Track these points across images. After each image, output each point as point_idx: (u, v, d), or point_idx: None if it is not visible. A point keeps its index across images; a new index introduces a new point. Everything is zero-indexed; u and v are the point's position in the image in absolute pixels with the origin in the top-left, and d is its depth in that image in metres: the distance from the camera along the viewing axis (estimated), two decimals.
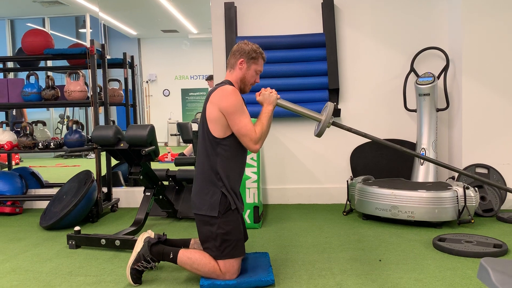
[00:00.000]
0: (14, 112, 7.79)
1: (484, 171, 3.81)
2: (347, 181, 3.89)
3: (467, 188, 3.31)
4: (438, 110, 3.99)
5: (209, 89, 8.94)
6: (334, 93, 4.24)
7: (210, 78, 8.71)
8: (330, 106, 2.39)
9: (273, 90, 2.39)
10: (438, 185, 3.51)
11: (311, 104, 4.18)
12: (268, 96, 2.36)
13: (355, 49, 4.29)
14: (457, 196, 3.28)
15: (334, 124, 2.43)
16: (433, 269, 2.49)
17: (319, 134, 2.40)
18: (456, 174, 3.92)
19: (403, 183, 3.66)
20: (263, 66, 2.43)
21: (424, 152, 3.90)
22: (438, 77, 4.04)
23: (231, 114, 2.22)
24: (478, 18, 3.86)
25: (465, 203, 3.28)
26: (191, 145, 7.56)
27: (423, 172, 3.88)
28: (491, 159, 3.86)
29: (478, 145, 3.91)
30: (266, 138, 2.31)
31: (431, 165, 3.88)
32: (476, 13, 3.86)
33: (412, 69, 4.15)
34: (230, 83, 2.37)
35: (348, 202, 3.88)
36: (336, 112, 4.20)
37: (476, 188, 3.42)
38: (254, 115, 2.39)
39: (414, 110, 4.11)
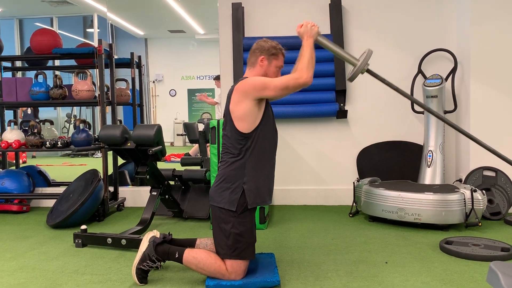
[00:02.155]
0: (29, 111, 7.84)
1: (492, 174, 3.78)
2: (354, 183, 3.88)
3: (475, 191, 3.29)
4: (445, 112, 3.97)
5: (216, 89, 8.84)
6: (341, 94, 4.23)
7: (217, 78, 8.71)
8: (368, 52, 2.33)
9: (315, 24, 2.36)
10: (445, 188, 3.49)
11: (318, 105, 4.17)
12: (310, 28, 2.34)
13: (363, 50, 4.20)
14: (464, 198, 3.25)
15: (369, 71, 2.35)
16: (440, 272, 2.48)
17: (351, 79, 2.34)
18: (463, 177, 3.89)
19: (410, 185, 3.64)
20: (283, 62, 2.43)
21: (431, 154, 3.88)
22: (446, 79, 4.02)
23: (261, 84, 2.23)
24: (487, 19, 3.84)
25: (472, 206, 3.25)
26: (197, 145, 7.58)
27: (430, 174, 3.86)
28: (499, 162, 3.79)
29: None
30: (313, 68, 2.25)
31: (438, 167, 3.86)
32: (485, 15, 3.84)
33: (420, 71, 4.13)
34: None
35: (354, 204, 3.86)
36: (343, 113, 4.19)
37: (484, 191, 3.40)
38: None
39: (422, 112, 4.09)
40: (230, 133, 2.30)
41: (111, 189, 4.24)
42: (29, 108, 7.79)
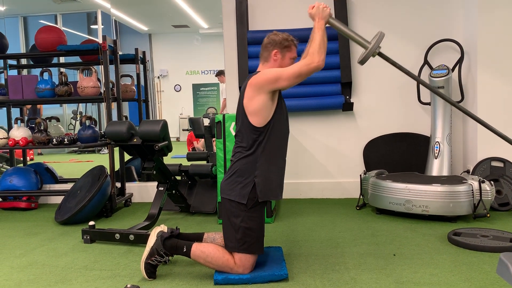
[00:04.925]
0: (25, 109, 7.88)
1: (500, 164, 3.75)
2: (360, 175, 3.87)
3: (483, 181, 3.27)
4: None
5: (221, 84, 8.79)
6: (347, 87, 4.20)
7: (219, 73, 8.70)
8: (380, 35, 2.30)
9: (327, 6, 2.33)
10: (452, 179, 3.47)
11: (324, 98, 4.15)
12: (321, 10, 2.31)
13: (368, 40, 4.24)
14: (472, 190, 3.24)
15: (380, 54, 2.31)
16: (448, 263, 2.47)
17: (362, 62, 2.31)
18: (471, 168, 3.86)
19: (417, 177, 3.63)
20: (296, 52, 2.41)
21: (438, 145, 3.86)
22: (453, 69, 3.98)
23: (274, 76, 2.21)
24: (494, 8, 3.79)
25: (480, 197, 3.23)
26: (202, 140, 7.57)
27: (437, 166, 3.84)
28: (507, 153, 3.79)
29: (494, 138, 3.80)
30: (325, 51, 2.22)
31: (445, 159, 3.83)
32: (492, 4, 3.79)
33: (426, 62, 4.09)
34: None
35: (361, 197, 3.85)
36: (349, 106, 4.17)
37: (492, 182, 3.37)
38: None
39: (428, 103, 4.06)
40: (243, 127, 2.30)
41: (118, 185, 4.26)
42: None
